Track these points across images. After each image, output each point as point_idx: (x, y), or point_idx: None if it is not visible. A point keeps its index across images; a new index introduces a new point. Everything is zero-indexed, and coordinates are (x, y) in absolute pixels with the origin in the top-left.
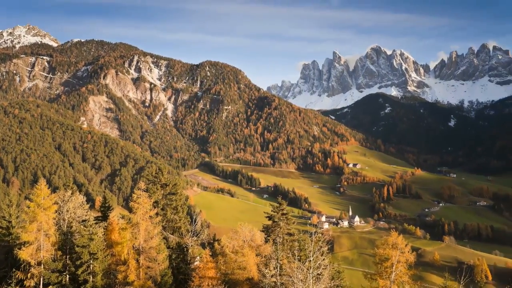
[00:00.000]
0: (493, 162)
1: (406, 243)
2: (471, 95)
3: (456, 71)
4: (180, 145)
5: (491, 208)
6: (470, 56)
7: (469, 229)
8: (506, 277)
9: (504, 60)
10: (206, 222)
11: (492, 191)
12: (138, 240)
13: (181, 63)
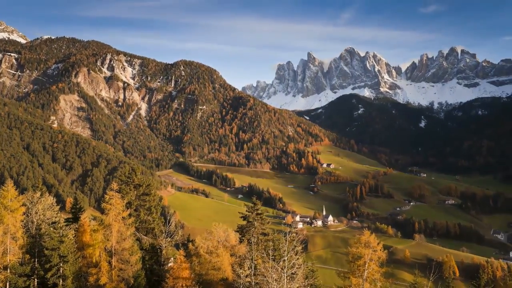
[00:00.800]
0: (461, 162)
1: (378, 242)
2: (441, 96)
3: (426, 74)
4: (154, 145)
5: (459, 206)
6: (439, 59)
7: (438, 227)
8: (472, 272)
9: (472, 64)
10: (180, 223)
11: (460, 190)
12: (110, 242)
13: (155, 62)
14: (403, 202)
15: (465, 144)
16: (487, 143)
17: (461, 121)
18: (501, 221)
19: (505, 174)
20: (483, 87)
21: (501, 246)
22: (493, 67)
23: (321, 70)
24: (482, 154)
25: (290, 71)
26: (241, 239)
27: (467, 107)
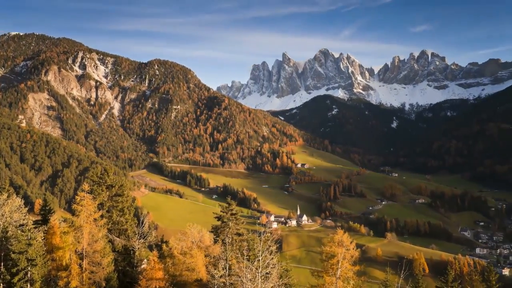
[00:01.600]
0: (430, 161)
1: (351, 240)
2: (412, 98)
3: (398, 75)
4: (127, 145)
5: (429, 205)
6: (411, 61)
7: (409, 226)
8: (440, 269)
9: (441, 66)
10: (154, 224)
11: (430, 189)
12: (81, 244)
13: (128, 61)
14: (375, 202)
15: (435, 144)
16: (455, 144)
17: (431, 122)
18: (468, 218)
19: (472, 174)
20: (451, 89)
21: (468, 243)
22: (461, 70)
23: (296, 71)
24: (451, 154)
25: (265, 71)
26: (215, 240)
27: (437, 109)
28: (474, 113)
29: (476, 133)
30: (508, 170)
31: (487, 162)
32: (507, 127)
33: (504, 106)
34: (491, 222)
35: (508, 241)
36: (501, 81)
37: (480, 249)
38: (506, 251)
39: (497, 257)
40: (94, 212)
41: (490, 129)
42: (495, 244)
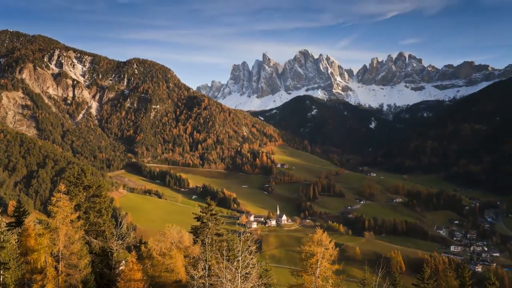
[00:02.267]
0: (407, 161)
1: (330, 240)
2: (390, 99)
3: (376, 77)
4: (105, 145)
5: (405, 204)
6: (389, 63)
7: (386, 224)
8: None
9: (418, 68)
10: (133, 225)
11: (407, 188)
12: (57, 246)
13: (107, 59)
14: (354, 201)
15: (411, 144)
16: (431, 144)
17: (408, 123)
18: (443, 217)
19: (447, 173)
20: (428, 91)
21: (443, 241)
22: (437, 71)
23: (276, 71)
24: (427, 154)
25: (245, 71)
26: (195, 240)
27: (414, 110)
28: (449, 114)
29: (450, 134)
30: (481, 170)
31: (461, 162)
32: (480, 128)
33: (477, 107)
34: (465, 221)
35: (481, 238)
36: (475, 83)
37: (454, 247)
38: (479, 248)
39: (470, 254)
40: (71, 213)
41: (464, 129)
42: (468, 242)
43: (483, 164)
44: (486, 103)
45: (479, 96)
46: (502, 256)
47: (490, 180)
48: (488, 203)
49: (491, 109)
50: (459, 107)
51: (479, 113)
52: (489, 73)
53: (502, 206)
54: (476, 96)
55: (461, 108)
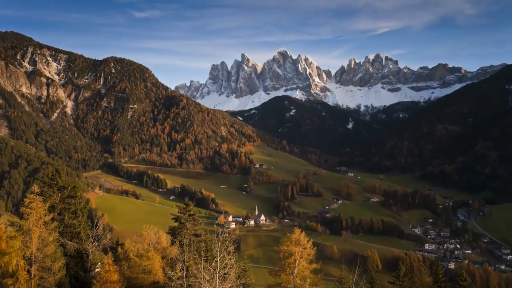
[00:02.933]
0: (384, 161)
1: (308, 239)
2: (367, 100)
3: (354, 78)
4: (81, 145)
5: (382, 203)
6: (366, 64)
7: (363, 224)
8: (393, 265)
9: (394, 70)
10: (109, 226)
11: (383, 188)
12: (30, 249)
13: (83, 57)
14: (331, 201)
15: (388, 145)
16: (407, 144)
17: (384, 123)
18: (418, 216)
19: (422, 173)
20: (404, 92)
21: (418, 239)
22: (412, 73)
23: (255, 72)
24: (402, 154)
25: (224, 71)
26: (173, 241)
27: (390, 110)
28: (424, 115)
29: (425, 134)
30: (454, 170)
31: (436, 162)
32: (454, 128)
33: (451, 108)
34: (439, 219)
35: (454, 236)
36: (448, 84)
37: (428, 245)
38: (452, 246)
39: (444, 251)
40: (45, 215)
41: (438, 130)
42: (442, 240)
43: (456, 164)
44: (459, 104)
45: (452, 97)
46: (473, 253)
47: (463, 179)
48: (461, 202)
49: (464, 110)
50: (434, 108)
51: (452, 114)
52: (462, 75)
53: (474, 205)
54: (450, 97)
55: (436, 109)
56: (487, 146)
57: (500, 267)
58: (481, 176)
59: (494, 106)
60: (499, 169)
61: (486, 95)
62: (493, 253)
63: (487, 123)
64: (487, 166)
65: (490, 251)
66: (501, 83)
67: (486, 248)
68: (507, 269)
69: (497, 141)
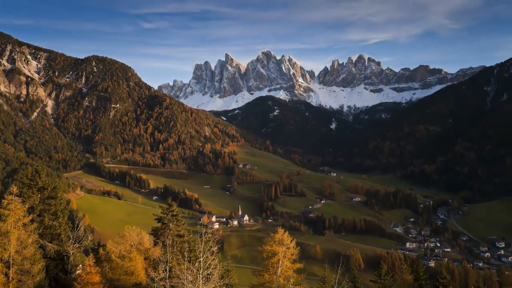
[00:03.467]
0: (366, 161)
1: (292, 239)
2: (350, 100)
3: (337, 78)
4: (62, 145)
5: (364, 203)
6: (349, 65)
7: (346, 223)
8: (375, 263)
9: (377, 71)
10: (90, 227)
11: (365, 188)
12: (8, 252)
13: (63, 56)
14: (315, 201)
15: (370, 145)
16: (389, 144)
17: (367, 124)
18: (399, 215)
19: (403, 173)
20: (386, 93)
21: (399, 238)
22: (394, 74)
23: (239, 72)
24: (384, 154)
25: (207, 71)
26: (155, 242)
27: (372, 111)
28: (406, 116)
29: (407, 135)
30: (434, 169)
31: (416, 161)
32: (434, 129)
33: (431, 109)
34: (419, 218)
35: (434, 235)
36: (429, 86)
37: (410, 244)
38: (432, 244)
39: (424, 250)
40: (23, 216)
41: (419, 131)
42: (423, 238)
43: (436, 164)
44: (440, 105)
45: (433, 98)
46: (453, 251)
47: (443, 179)
48: (441, 201)
49: (444, 111)
50: (415, 109)
51: (433, 115)
52: (442, 77)
53: (454, 204)
54: (431, 98)
55: (417, 110)
56: (466, 147)
57: (478, 265)
58: (460, 176)
59: (473, 107)
60: (477, 169)
61: (465, 96)
62: (472, 251)
63: (466, 124)
64: (466, 166)
65: (469, 249)
66: (480, 84)
67: (465, 246)
68: (485, 266)
69: (475, 142)
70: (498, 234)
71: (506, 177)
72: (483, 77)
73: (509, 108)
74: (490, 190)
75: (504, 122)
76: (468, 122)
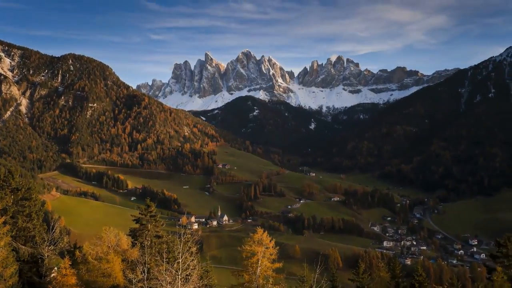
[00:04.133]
0: (345, 161)
1: (271, 239)
2: (329, 101)
3: (316, 79)
4: (36, 145)
5: (343, 202)
6: (328, 66)
7: (325, 223)
8: (353, 262)
9: (355, 72)
10: (66, 229)
11: (344, 187)
12: None
13: (39, 54)
14: (294, 200)
15: (349, 145)
16: (367, 145)
17: (346, 124)
18: (377, 214)
19: (381, 172)
20: (364, 94)
21: (377, 237)
22: (372, 76)
23: (218, 71)
24: (363, 154)
25: (187, 71)
26: (133, 243)
27: (351, 112)
28: (383, 116)
29: (384, 135)
30: (411, 169)
31: (394, 161)
32: (411, 129)
33: (408, 110)
34: (396, 217)
35: (411, 233)
36: (406, 87)
37: (387, 242)
38: (409, 242)
39: (401, 248)
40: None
41: (396, 131)
42: (399, 237)
43: (413, 164)
44: (416, 106)
45: (410, 100)
46: (428, 249)
47: (419, 178)
48: (417, 200)
49: (420, 112)
50: (392, 110)
51: (410, 115)
52: (419, 78)
53: (429, 203)
54: (408, 99)
55: (394, 111)
56: (441, 147)
57: (452, 262)
58: (436, 175)
59: (448, 108)
60: (452, 168)
61: (440, 97)
62: (446, 248)
63: (441, 125)
64: (441, 166)
65: (444, 246)
66: (455, 86)
67: (439, 244)
68: (458, 263)
69: (450, 142)
70: (471, 232)
71: (479, 176)
72: (458, 79)
73: (482, 109)
74: (464, 189)
75: (477, 122)
76: (443, 122)
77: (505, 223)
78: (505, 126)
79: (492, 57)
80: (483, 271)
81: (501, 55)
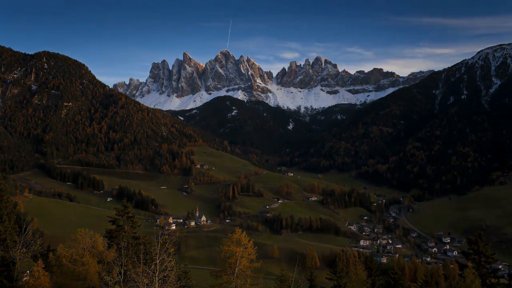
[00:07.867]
0: (322, 161)
1: (249, 239)
2: (307, 101)
3: (295, 80)
4: (8, 145)
5: (321, 202)
6: (306, 67)
7: (303, 222)
8: (330, 261)
9: (333, 73)
10: (40, 231)
11: (321, 187)
12: None
13: (11, 51)
14: (272, 200)
15: (326, 145)
16: (344, 145)
17: (323, 124)
18: (354, 213)
19: (358, 172)
20: (342, 95)
21: (354, 236)
22: (350, 77)
23: (197, 71)
24: (340, 154)
25: (165, 70)
26: (110, 245)
27: (329, 112)
28: (360, 117)
29: (361, 135)
30: (387, 169)
31: (370, 161)
32: (387, 130)
33: (384, 111)
34: (373, 216)
35: (387, 232)
36: (383, 88)
37: (363, 241)
38: (385, 241)
39: (377, 247)
40: None
41: (373, 131)
42: (376, 236)
43: (389, 164)
44: (392, 107)
45: (386, 100)
46: (403, 248)
47: (395, 178)
48: (393, 199)
49: (396, 113)
50: (369, 110)
51: (386, 116)
52: (394, 79)
53: (405, 202)
54: (384, 100)
55: (371, 111)
56: (416, 147)
57: (426, 259)
58: (411, 175)
59: (422, 109)
60: (426, 168)
61: (416, 99)
62: (421, 246)
63: (416, 125)
64: (416, 166)
65: (418, 244)
66: (429, 88)
67: (414, 242)
68: (432, 261)
69: (424, 142)
70: (445, 230)
71: (452, 175)
72: (432, 81)
73: (454, 110)
74: (438, 188)
75: (450, 123)
76: (418, 123)
77: (476, 221)
78: (477, 127)
79: (465, 60)
80: (456, 268)
81: (473, 58)
